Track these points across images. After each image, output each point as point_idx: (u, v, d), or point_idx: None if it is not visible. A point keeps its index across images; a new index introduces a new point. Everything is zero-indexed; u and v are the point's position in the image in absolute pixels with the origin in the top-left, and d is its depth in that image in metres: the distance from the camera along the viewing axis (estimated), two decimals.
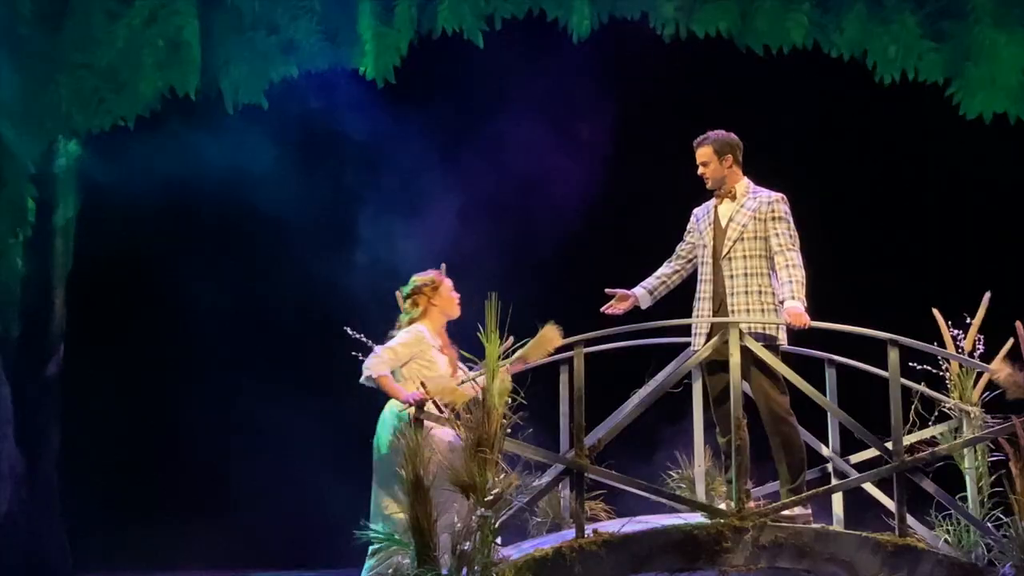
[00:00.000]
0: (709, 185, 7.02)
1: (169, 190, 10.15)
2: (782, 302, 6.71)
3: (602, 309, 6.98)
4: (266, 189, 10.14)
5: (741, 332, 6.58)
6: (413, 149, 10.55)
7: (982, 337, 6.84)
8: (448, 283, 6.83)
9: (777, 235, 6.79)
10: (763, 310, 6.74)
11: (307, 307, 10.62)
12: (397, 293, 6.75)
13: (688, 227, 7.10)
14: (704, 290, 6.91)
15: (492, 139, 10.37)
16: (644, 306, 7.04)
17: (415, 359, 6.60)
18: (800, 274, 6.72)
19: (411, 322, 6.73)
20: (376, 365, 6.44)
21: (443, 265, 6.71)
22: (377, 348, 6.52)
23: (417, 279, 6.82)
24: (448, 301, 6.81)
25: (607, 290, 6.99)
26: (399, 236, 10.17)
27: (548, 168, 10.30)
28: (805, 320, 6.61)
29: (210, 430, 10.42)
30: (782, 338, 6.78)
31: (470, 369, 6.43)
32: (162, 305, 10.98)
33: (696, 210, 7.12)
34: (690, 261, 7.06)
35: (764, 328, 6.71)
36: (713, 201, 7.01)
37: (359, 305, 8.95)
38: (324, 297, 10.29)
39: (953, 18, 9.32)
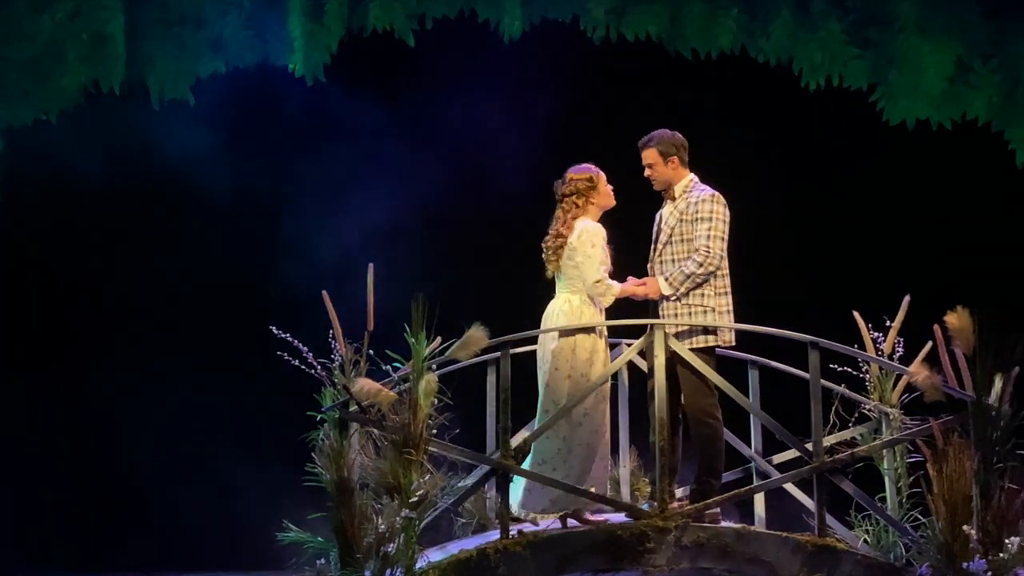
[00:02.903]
0: (656, 187, 7.02)
1: (92, 186, 9.99)
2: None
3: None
4: (193, 186, 10.03)
5: (666, 334, 6.63)
6: (343, 147, 10.49)
7: (902, 340, 6.96)
8: (603, 177, 6.91)
9: (697, 236, 6.79)
10: (691, 313, 6.77)
11: (236, 306, 10.50)
12: (324, 293, 6.68)
13: None
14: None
15: (423, 138, 10.34)
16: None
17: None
18: (691, 270, 6.69)
19: (573, 219, 6.80)
20: (605, 288, 6.66)
21: (371, 265, 6.66)
22: (600, 271, 6.66)
23: (574, 177, 6.88)
24: (605, 196, 6.91)
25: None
26: (329, 233, 10.11)
27: (479, 168, 10.31)
28: (640, 293, 6.77)
29: (139, 430, 10.28)
30: (722, 341, 6.79)
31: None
32: (88, 303, 10.82)
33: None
34: None
35: (691, 330, 6.74)
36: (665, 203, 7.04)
37: (287, 301, 8.88)
38: (252, 295, 10.19)
39: (878, 26, 9.40)
